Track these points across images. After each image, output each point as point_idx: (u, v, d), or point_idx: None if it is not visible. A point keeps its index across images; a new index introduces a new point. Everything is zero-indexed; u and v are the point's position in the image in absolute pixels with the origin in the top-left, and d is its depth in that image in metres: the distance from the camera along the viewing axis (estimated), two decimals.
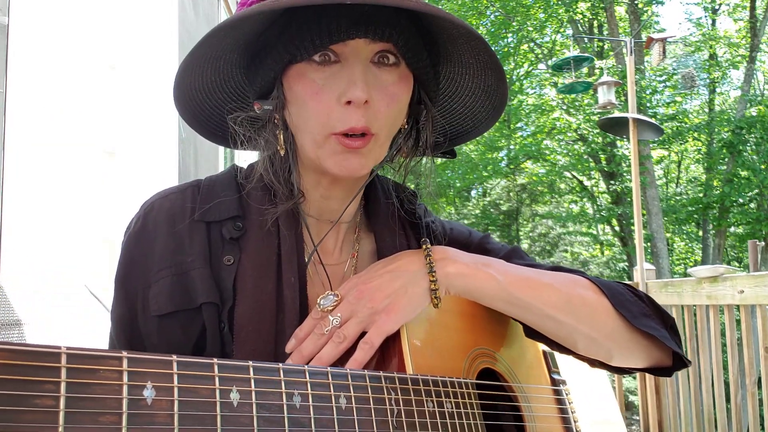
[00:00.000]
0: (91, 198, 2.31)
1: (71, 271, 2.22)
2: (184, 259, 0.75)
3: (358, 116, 0.71)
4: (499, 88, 0.82)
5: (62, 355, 0.41)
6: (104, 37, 2.41)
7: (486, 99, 0.86)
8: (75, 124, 2.34)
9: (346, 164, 0.73)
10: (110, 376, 0.43)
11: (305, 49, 0.70)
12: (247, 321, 0.72)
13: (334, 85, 0.71)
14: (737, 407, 3.00)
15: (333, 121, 0.71)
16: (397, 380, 0.66)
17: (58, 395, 0.40)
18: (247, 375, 0.52)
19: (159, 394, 0.45)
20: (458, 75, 0.85)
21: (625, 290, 0.88)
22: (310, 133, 0.74)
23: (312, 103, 0.72)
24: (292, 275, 0.76)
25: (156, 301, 0.73)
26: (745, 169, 12.15)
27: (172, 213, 0.78)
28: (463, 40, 0.78)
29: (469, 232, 0.98)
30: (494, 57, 0.78)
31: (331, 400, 0.58)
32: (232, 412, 0.49)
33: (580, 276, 0.87)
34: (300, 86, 0.73)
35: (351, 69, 0.71)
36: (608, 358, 0.87)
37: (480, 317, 0.90)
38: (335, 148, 0.73)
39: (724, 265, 6.14)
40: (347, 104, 0.71)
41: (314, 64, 0.72)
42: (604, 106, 6.25)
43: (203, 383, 0.49)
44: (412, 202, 0.93)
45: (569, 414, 0.97)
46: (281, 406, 0.53)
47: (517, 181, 14.94)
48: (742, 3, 12.95)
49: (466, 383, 0.76)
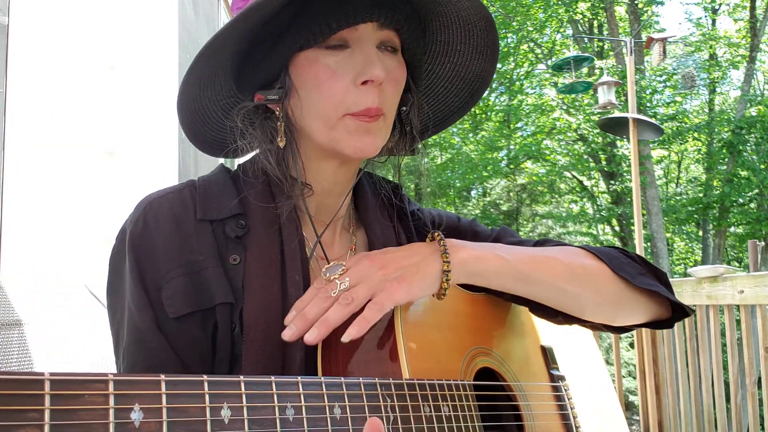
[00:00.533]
0: (91, 198, 2.31)
1: (71, 271, 2.22)
2: (194, 258, 0.74)
3: (373, 96, 0.74)
4: (485, 71, 0.86)
5: (45, 382, 0.40)
6: (104, 37, 2.41)
7: (463, 87, 0.89)
8: (75, 124, 2.34)
9: (361, 144, 0.75)
10: (96, 400, 0.42)
11: (321, 33, 0.72)
12: (255, 320, 0.72)
13: (348, 67, 0.74)
14: (737, 407, 3.00)
15: (348, 102, 0.74)
16: (393, 386, 0.64)
17: (43, 423, 0.38)
18: (238, 390, 0.50)
19: (147, 416, 0.44)
20: (437, 65, 0.88)
21: (619, 254, 0.91)
22: (322, 117, 0.75)
23: (326, 86, 0.73)
24: (296, 273, 0.76)
25: (171, 302, 0.71)
26: (745, 169, 12.15)
27: (173, 212, 0.76)
28: (458, 26, 0.81)
29: (458, 218, 0.99)
30: (496, 39, 0.82)
31: (326, 411, 0.56)
32: (223, 429, 0.48)
33: (575, 247, 0.90)
34: (312, 71, 0.74)
35: (365, 51, 0.74)
36: (612, 320, 0.90)
37: (476, 316, 0.90)
38: (349, 127, 0.75)
39: (724, 265, 6.14)
40: (363, 85, 0.73)
41: (324, 50, 0.74)
42: (604, 106, 6.25)
43: (193, 401, 0.47)
44: (396, 193, 0.94)
45: (568, 410, 0.97)
46: (274, 420, 0.52)
47: (517, 181, 14.93)
48: (742, 3, 12.95)
49: (463, 385, 0.76)
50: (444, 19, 0.81)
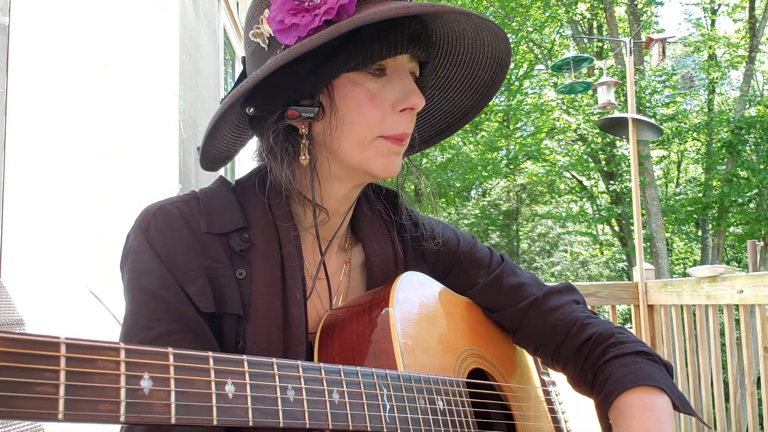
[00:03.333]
0: (92, 198, 2.32)
1: (71, 271, 2.23)
2: (214, 264, 0.75)
3: (408, 122, 0.80)
4: (493, 83, 0.90)
5: (61, 345, 0.42)
6: (104, 38, 2.41)
7: (471, 92, 0.93)
8: (75, 124, 2.35)
9: (390, 164, 0.80)
10: (108, 366, 0.44)
11: (371, 58, 0.76)
12: (257, 337, 0.74)
13: (387, 93, 0.78)
14: (736, 407, 3.00)
15: (384, 126, 0.78)
16: (389, 377, 0.66)
17: (58, 383, 0.40)
18: (242, 368, 0.53)
19: (156, 384, 0.46)
20: (441, 79, 0.92)
21: (664, 371, 0.86)
22: (357, 137, 0.78)
23: (365, 108, 0.77)
24: (297, 292, 0.77)
25: (200, 299, 0.72)
26: (744, 169, 12.16)
27: (185, 219, 0.77)
28: (468, 42, 0.85)
29: (458, 240, 0.99)
30: (502, 79, 0.89)
31: (325, 394, 0.58)
32: (227, 403, 0.50)
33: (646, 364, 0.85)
34: (354, 93, 0.77)
35: (404, 80, 0.79)
36: None
37: (470, 319, 0.91)
38: (381, 149, 0.79)
39: (723, 264, 6.15)
40: (401, 111, 0.78)
41: (367, 74, 0.78)
42: (604, 107, 6.25)
43: (199, 375, 0.49)
44: (395, 202, 0.95)
45: (559, 414, 0.98)
46: (275, 399, 0.54)
47: (516, 181, 14.94)
48: (742, 3, 12.96)
49: (457, 382, 0.77)
50: (455, 58, 0.88)
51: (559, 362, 0.92)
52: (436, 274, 0.94)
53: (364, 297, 0.82)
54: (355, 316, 0.78)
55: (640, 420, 0.78)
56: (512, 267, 0.98)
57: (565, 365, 0.91)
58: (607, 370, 0.85)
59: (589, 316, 0.93)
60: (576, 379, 0.90)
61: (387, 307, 0.75)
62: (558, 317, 0.91)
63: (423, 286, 0.85)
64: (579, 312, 0.93)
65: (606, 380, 0.84)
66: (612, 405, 0.81)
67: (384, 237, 0.90)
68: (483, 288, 0.95)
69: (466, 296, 0.95)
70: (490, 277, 0.95)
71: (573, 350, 0.90)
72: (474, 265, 0.96)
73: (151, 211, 0.77)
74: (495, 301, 0.95)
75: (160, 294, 0.72)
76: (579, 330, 0.90)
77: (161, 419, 0.45)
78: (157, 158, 2.40)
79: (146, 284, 0.72)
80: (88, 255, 2.26)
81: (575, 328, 0.90)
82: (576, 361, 0.89)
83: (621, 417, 0.79)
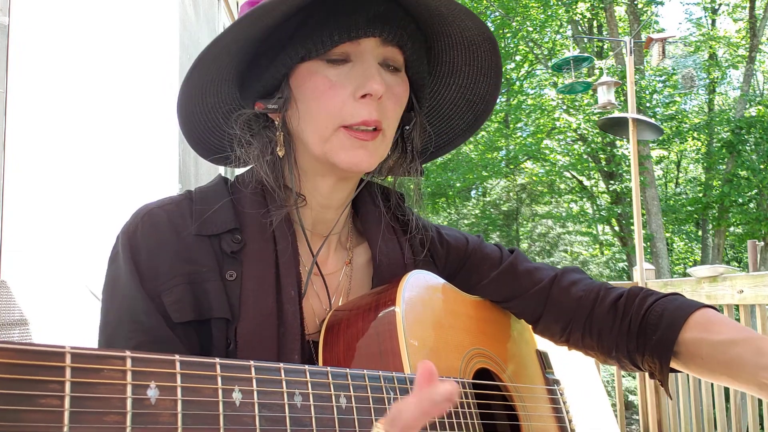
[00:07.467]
0: (92, 198, 2.31)
1: (71, 271, 2.23)
2: (197, 269, 0.74)
3: (371, 109, 0.74)
4: (489, 94, 0.86)
5: (66, 355, 0.41)
6: (105, 38, 2.41)
7: (468, 110, 0.89)
8: (75, 124, 2.34)
9: (355, 158, 0.75)
10: (114, 375, 0.43)
11: (323, 45, 0.72)
12: (250, 337, 0.73)
13: (347, 81, 0.74)
14: (737, 407, 3.00)
15: (345, 114, 0.74)
16: (395, 380, 0.66)
17: (63, 395, 0.40)
18: (249, 375, 0.52)
19: (163, 393, 0.45)
20: (442, 86, 0.88)
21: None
22: (318, 129, 0.75)
23: (325, 98, 0.74)
24: (292, 289, 0.76)
25: (176, 308, 0.71)
26: (744, 169, 12.15)
27: (173, 223, 0.76)
28: (463, 47, 0.81)
29: (466, 240, 0.98)
30: (499, 62, 0.82)
31: (332, 399, 0.58)
32: (234, 411, 0.49)
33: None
34: (312, 82, 0.74)
35: (365, 65, 0.74)
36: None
37: (477, 318, 0.91)
38: (344, 142, 0.74)
39: (723, 264, 6.14)
40: (362, 98, 0.73)
41: (325, 63, 0.74)
42: (604, 106, 6.25)
43: (206, 383, 0.49)
44: (401, 205, 0.93)
45: (563, 413, 0.98)
46: (283, 405, 0.53)
47: (516, 181, 14.93)
48: (742, 3, 12.96)
49: (463, 383, 0.77)
50: (449, 40, 0.82)
51: (592, 332, 0.90)
52: (445, 273, 0.93)
53: (369, 296, 0.82)
54: (361, 315, 0.77)
55: (730, 325, 0.79)
56: (524, 256, 0.98)
57: (600, 332, 0.89)
58: (656, 309, 0.85)
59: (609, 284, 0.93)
60: (614, 341, 0.88)
61: (394, 306, 0.75)
62: (581, 288, 0.91)
63: (429, 285, 0.85)
64: (598, 282, 0.93)
65: (660, 316, 0.83)
66: (683, 327, 0.80)
67: (391, 237, 0.89)
68: (498, 276, 0.93)
69: (478, 291, 0.94)
70: (504, 266, 0.94)
71: (605, 311, 0.89)
72: (485, 260, 0.95)
73: (139, 214, 0.77)
74: (513, 287, 0.93)
75: (129, 304, 0.72)
76: (606, 294, 0.90)
77: (167, 430, 0.44)
78: (157, 158, 2.40)
79: (120, 291, 0.73)
80: (88, 255, 2.26)
81: (602, 293, 0.90)
82: (613, 320, 0.88)
83: (704, 327, 0.79)
